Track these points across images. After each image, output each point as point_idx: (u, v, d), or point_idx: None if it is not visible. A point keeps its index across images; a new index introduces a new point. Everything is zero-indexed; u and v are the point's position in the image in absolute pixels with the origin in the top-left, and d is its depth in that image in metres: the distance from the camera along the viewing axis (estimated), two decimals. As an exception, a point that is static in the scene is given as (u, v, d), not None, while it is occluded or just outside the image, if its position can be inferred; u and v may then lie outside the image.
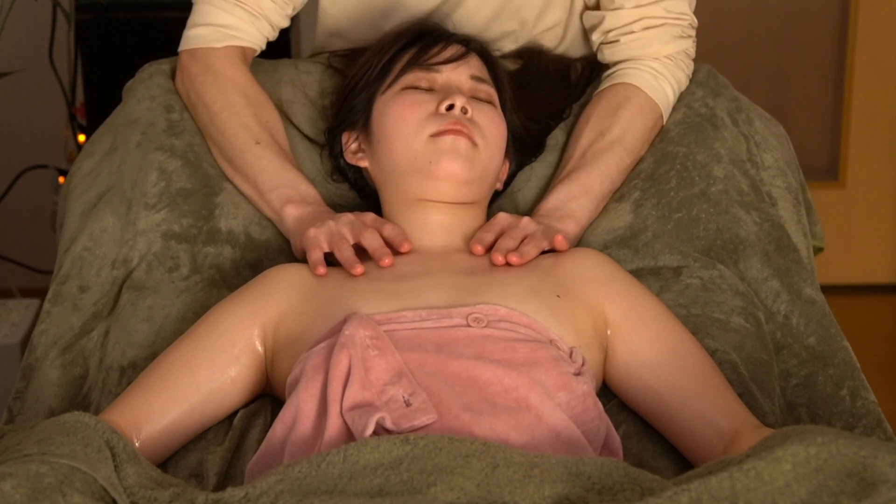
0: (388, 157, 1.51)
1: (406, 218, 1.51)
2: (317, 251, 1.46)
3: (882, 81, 3.08)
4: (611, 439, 1.32)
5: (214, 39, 1.69)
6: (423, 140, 1.48)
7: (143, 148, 1.67)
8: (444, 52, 1.55)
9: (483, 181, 1.51)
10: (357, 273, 1.42)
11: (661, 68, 1.69)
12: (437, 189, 1.48)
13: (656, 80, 1.68)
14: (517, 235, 1.47)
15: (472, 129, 1.48)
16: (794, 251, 1.61)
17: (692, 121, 1.71)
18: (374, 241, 1.45)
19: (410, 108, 1.50)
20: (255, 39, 1.72)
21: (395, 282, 1.41)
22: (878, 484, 1.01)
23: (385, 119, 1.52)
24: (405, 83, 1.53)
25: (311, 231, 1.49)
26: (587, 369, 1.34)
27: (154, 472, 1.23)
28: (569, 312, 1.38)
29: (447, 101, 1.48)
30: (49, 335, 1.54)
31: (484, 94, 1.55)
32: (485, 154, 1.50)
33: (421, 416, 1.22)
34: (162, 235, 1.59)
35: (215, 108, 1.66)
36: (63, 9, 2.55)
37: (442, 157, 1.47)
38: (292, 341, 1.38)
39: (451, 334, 1.31)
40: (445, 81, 1.53)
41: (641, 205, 1.62)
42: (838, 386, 1.47)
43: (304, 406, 1.26)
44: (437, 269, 1.43)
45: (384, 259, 1.43)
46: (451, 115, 1.48)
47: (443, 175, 1.47)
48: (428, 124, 1.48)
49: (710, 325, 1.48)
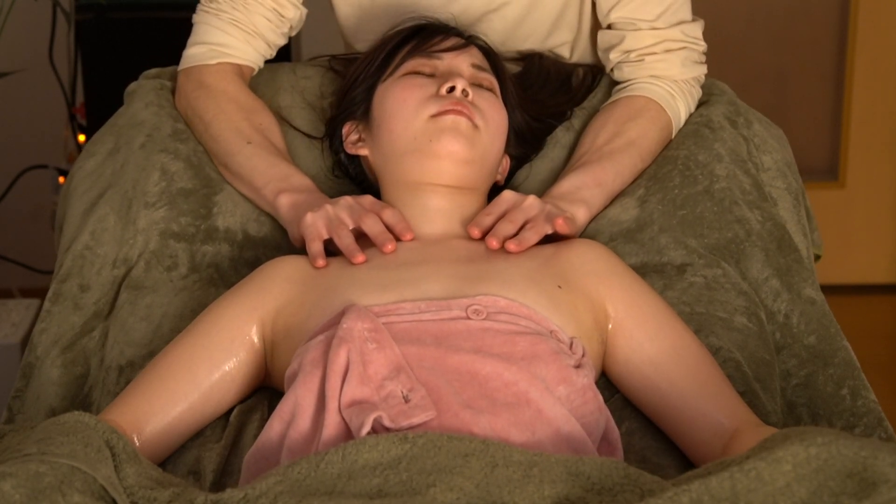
0: (388, 140, 1.51)
1: (405, 203, 1.50)
2: (316, 242, 1.45)
3: (882, 81, 3.08)
4: (610, 431, 1.32)
5: (208, 57, 1.71)
6: (424, 120, 1.47)
7: (147, 149, 1.67)
8: (446, 42, 1.56)
9: (483, 164, 1.51)
10: (358, 262, 1.41)
11: (676, 90, 1.70)
12: (438, 168, 1.47)
13: (673, 98, 1.70)
14: (518, 218, 1.46)
15: (474, 110, 1.48)
16: (794, 251, 1.61)
17: (689, 128, 1.72)
18: (375, 227, 1.44)
19: (411, 90, 1.50)
20: (251, 57, 1.73)
21: (393, 270, 1.40)
22: (879, 484, 1.01)
23: (385, 102, 1.52)
24: (407, 69, 1.53)
25: (308, 217, 1.48)
26: (587, 361, 1.34)
27: (154, 472, 1.23)
28: (569, 303, 1.38)
29: (448, 83, 1.48)
30: (50, 334, 1.54)
31: (485, 82, 1.55)
32: (485, 136, 1.49)
33: (419, 412, 1.22)
34: (160, 234, 1.59)
35: (208, 118, 1.67)
36: (63, 9, 2.55)
37: (442, 135, 1.46)
38: (290, 333, 1.38)
39: (450, 327, 1.31)
40: (447, 67, 1.53)
41: (647, 200, 1.63)
42: (839, 385, 1.47)
43: (303, 401, 1.26)
44: (437, 257, 1.42)
45: (387, 245, 1.42)
46: (452, 97, 1.48)
47: (443, 153, 1.46)
48: (429, 105, 1.48)
49: (713, 324, 1.48)
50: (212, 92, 1.68)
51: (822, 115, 3.15)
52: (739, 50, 3.08)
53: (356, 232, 1.46)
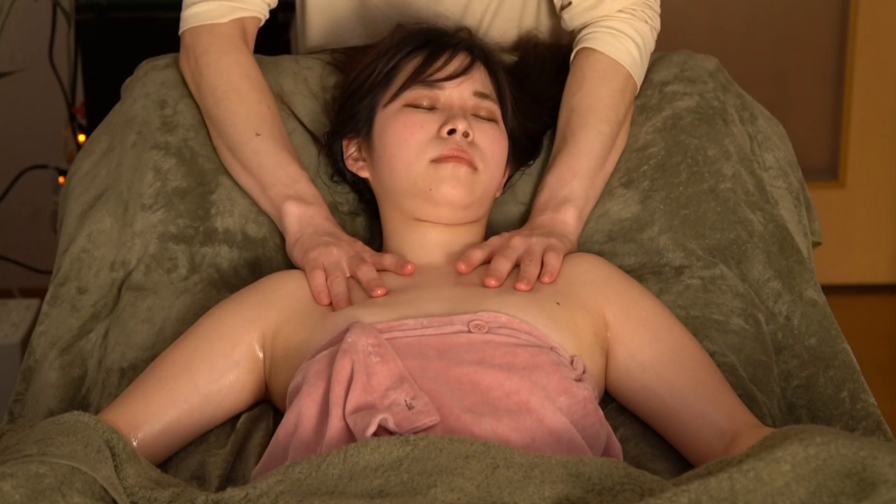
0: (388, 176, 1.52)
1: (404, 235, 1.52)
2: (319, 275, 1.45)
3: (882, 81, 3.08)
4: (611, 446, 1.32)
5: (219, 14, 1.66)
6: (424, 165, 1.48)
7: (139, 147, 1.67)
8: (449, 66, 1.54)
9: (483, 202, 1.52)
10: (339, 309, 1.41)
11: (618, 25, 1.65)
12: (437, 213, 1.49)
13: (616, 38, 1.65)
14: (511, 256, 1.46)
15: (473, 153, 1.48)
16: (796, 252, 1.61)
17: (705, 112, 1.69)
18: (367, 274, 1.45)
19: (412, 129, 1.50)
20: (260, 7, 1.69)
21: (395, 294, 1.42)
22: (878, 484, 1.01)
23: (386, 137, 1.52)
24: (407, 100, 1.53)
25: (311, 254, 1.49)
26: (588, 377, 1.34)
27: (154, 473, 1.23)
28: (569, 319, 1.38)
29: (448, 124, 1.48)
30: (48, 336, 1.54)
31: (486, 112, 1.54)
32: (485, 176, 1.50)
33: (423, 418, 1.22)
34: (159, 237, 1.59)
35: (219, 93, 1.64)
36: (63, 9, 2.55)
37: (442, 183, 1.47)
38: (291, 352, 1.38)
39: (452, 340, 1.32)
40: (448, 100, 1.52)
41: (650, 196, 1.62)
42: (838, 388, 1.47)
43: (307, 411, 1.26)
44: (436, 283, 1.44)
45: (376, 290, 1.42)
46: (452, 140, 1.48)
47: (443, 201, 1.47)
48: (429, 149, 1.48)
49: (709, 327, 1.48)
50: (223, 62, 1.65)
51: (822, 115, 3.15)
52: (740, 50, 3.08)
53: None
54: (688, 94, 1.71)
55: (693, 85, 1.73)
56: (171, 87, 1.73)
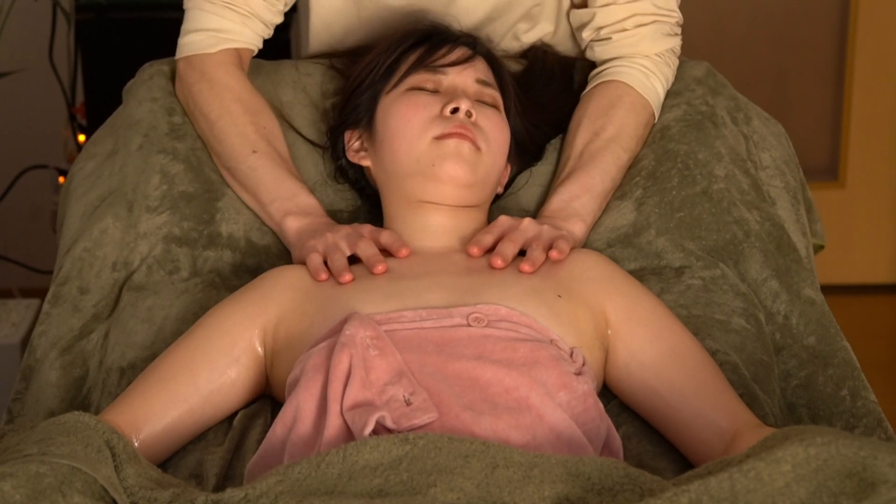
0: (390, 158, 1.52)
1: (406, 219, 1.51)
2: (316, 256, 1.46)
3: (882, 81, 3.08)
4: (611, 440, 1.32)
5: (208, 45, 1.69)
6: (427, 142, 1.48)
7: (145, 150, 1.67)
8: (451, 55, 1.55)
9: (485, 185, 1.52)
10: (343, 281, 1.42)
11: (651, 66, 1.68)
12: (439, 191, 1.49)
13: (647, 77, 1.68)
14: (518, 239, 1.47)
15: (476, 133, 1.49)
16: (793, 251, 1.61)
17: (693, 118, 1.71)
18: (367, 250, 1.46)
19: (415, 109, 1.50)
20: (250, 39, 1.71)
21: (394, 282, 1.41)
22: (878, 484, 1.01)
23: (389, 119, 1.52)
24: (410, 84, 1.54)
25: (309, 242, 1.50)
26: (588, 370, 1.34)
27: (154, 473, 1.23)
28: (570, 312, 1.38)
29: (452, 103, 1.49)
30: (48, 336, 1.54)
31: (489, 98, 1.55)
32: (487, 158, 1.50)
33: (421, 414, 1.22)
34: (163, 238, 1.59)
35: (212, 117, 1.66)
36: (63, 9, 2.55)
37: (445, 160, 1.47)
38: (292, 342, 1.38)
39: (451, 334, 1.31)
40: (451, 84, 1.53)
41: (644, 203, 1.62)
42: (838, 386, 1.47)
43: (304, 405, 1.26)
44: (437, 270, 1.43)
45: (377, 266, 1.43)
46: (456, 119, 1.48)
47: (445, 178, 1.47)
48: (432, 127, 1.48)
49: (710, 327, 1.48)
50: (215, 87, 1.67)
51: (822, 115, 3.15)
52: (740, 50, 3.08)
53: (355, 258, 1.47)
54: (675, 106, 1.73)
55: (679, 96, 1.74)
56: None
